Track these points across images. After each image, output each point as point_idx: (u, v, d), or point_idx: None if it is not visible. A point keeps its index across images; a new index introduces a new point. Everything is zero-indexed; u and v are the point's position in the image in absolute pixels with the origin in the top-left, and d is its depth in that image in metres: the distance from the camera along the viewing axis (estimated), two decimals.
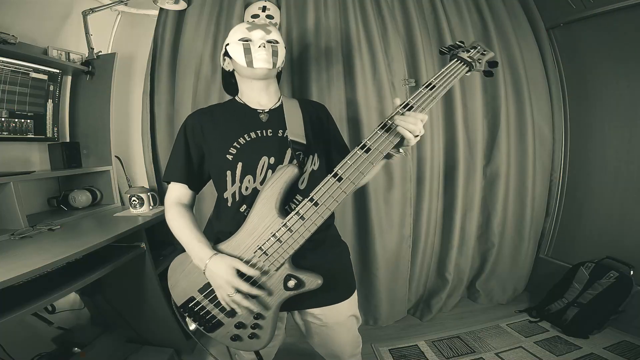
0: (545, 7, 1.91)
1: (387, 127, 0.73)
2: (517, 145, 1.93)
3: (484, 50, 0.86)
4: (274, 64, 0.89)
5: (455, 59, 0.82)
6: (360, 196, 1.75)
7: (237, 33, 0.90)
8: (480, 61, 0.84)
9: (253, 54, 0.87)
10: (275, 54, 0.89)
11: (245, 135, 0.87)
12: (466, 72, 0.81)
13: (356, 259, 1.81)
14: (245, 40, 0.88)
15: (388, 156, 0.78)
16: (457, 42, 0.87)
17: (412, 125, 0.70)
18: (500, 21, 1.88)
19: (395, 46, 1.73)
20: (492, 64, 0.86)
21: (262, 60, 0.86)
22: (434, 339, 1.68)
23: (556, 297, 1.80)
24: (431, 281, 1.97)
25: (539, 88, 1.95)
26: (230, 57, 0.92)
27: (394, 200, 1.75)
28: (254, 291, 0.78)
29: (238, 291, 0.77)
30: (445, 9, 1.83)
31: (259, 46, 0.87)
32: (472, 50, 0.85)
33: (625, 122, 1.72)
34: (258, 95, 0.93)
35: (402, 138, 0.73)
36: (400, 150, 0.77)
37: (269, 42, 0.88)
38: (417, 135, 0.72)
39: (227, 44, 0.91)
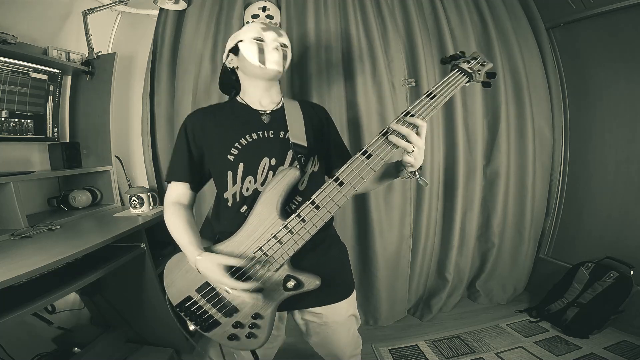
0: (545, 7, 1.91)
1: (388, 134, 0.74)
2: (517, 145, 1.93)
3: (484, 62, 0.86)
4: (284, 67, 0.92)
5: (457, 70, 0.82)
6: (361, 196, 1.75)
7: (251, 31, 0.90)
8: (479, 72, 0.84)
9: (266, 55, 0.88)
10: (285, 57, 0.92)
11: (247, 136, 0.87)
12: (466, 83, 0.82)
13: (356, 259, 1.81)
14: (259, 39, 0.89)
15: (398, 172, 0.81)
16: (458, 52, 0.88)
17: (405, 129, 0.70)
18: (500, 21, 1.88)
19: (395, 46, 1.73)
20: (491, 75, 0.87)
21: (274, 62, 0.88)
22: (434, 339, 1.68)
23: (556, 297, 1.80)
24: (431, 281, 1.98)
25: (539, 88, 1.95)
26: (236, 55, 0.92)
27: (394, 200, 1.75)
28: (245, 285, 0.75)
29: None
30: (445, 9, 1.83)
31: (273, 48, 0.88)
32: (472, 61, 0.85)
33: (626, 122, 1.72)
34: (261, 95, 0.93)
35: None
36: (412, 173, 0.77)
37: (280, 44, 0.90)
38: (413, 150, 0.71)
39: (240, 41, 0.90)
